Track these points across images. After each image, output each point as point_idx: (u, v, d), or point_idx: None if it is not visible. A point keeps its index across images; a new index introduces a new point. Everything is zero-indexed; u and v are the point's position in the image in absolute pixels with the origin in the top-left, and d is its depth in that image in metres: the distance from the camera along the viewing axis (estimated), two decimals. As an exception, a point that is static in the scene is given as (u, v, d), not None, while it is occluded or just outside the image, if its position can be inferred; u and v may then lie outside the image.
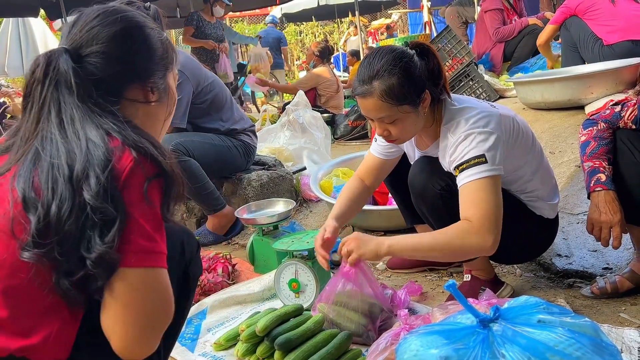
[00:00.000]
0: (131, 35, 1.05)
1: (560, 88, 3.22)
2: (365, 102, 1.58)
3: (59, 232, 0.86)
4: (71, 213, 0.86)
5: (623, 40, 3.34)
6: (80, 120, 0.93)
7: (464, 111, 1.59)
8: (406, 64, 1.54)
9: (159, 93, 1.10)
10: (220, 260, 2.26)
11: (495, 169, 1.51)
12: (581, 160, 1.72)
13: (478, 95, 4.23)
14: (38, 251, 0.85)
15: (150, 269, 0.91)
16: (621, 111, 1.69)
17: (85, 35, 1.01)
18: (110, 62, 1.01)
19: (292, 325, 1.63)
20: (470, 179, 1.51)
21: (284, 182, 3.13)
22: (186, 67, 2.67)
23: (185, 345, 1.76)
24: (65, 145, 0.91)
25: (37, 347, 0.89)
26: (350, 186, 1.94)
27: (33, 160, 0.91)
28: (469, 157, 1.52)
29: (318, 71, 6.06)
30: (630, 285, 1.76)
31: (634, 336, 1.50)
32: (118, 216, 0.87)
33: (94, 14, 1.04)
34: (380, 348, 1.41)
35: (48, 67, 0.96)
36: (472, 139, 1.53)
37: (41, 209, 0.86)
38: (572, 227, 2.25)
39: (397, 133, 1.62)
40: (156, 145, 0.96)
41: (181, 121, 2.66)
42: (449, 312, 1.34)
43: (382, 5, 13.35)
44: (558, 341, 0.93)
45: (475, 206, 1.49)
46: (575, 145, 2.83)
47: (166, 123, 1.18)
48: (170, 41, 1.15)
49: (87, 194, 0.86)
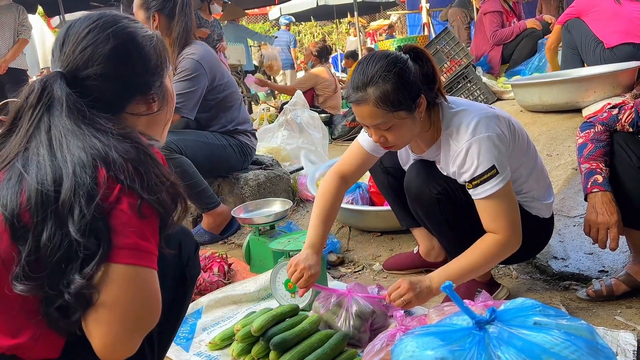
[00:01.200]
0: (126, 51, 1.03)
1: (558, 91, 3.22)
2: (360, 109, 1.55)
3: (49, 263, 0.84)
4: (61, 245, 0.84)
5: (623, 42, 3.34)
6: (69, 143, 0.90)
7: (462, 115, 1.59)
8: (400, 69, 1.52)
9: (160, 101, 1.10)
10: (216, 259, 2.26)
11: (506, 176, 1.55)
12: (578, 162, 1.72)
13: (476, 98, 4.23)
14: (29, 283, 0.84)
15: (139, 267, 0.89)
16: (618, 114, 1.69)
17: (79, 57, 0.99)
18: (109, 82, 1.00)
19: (287, 325, 1.63)
20: (487, 194, 1.54)
21: (281, 182, 3.13)
22: (205, 61, 2.66)
23: (180, 344, 1.75)
24: (52, 167, 0.88)
25: (27, 345, 0.88)
26: (328, 193, 1.80)
27: (18, 182, 0.88)
28: (482, 172, 1.53)
29: (316, 71, 6.07)
30: (626, 288, 1.77)
31: (629, 339, 1.50)
32: (100, 250, 0.85)
33: (84, 29, 1.01)
34: (376, 349, 1.41)
35: (42, 93, 0.95)
36: (479, 149, 1.52)
37: (31, 239, 0.84)
38: (568, 229, 2.25)
39: (394, 139, 1.59)
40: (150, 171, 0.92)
41: (190, 112, 2.64)
42: (445, 314, 1.34)
43: (381, 6, 13.38)
44: (554, 343, 0.93)
45: (498, 219, 1.55)
46: (572, 148, 2.84)
47: (167, 124, 1.17)
48: (161, 40, 1.12)
49: (71, 227, 0.84)
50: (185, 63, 2.61)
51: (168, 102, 1.14)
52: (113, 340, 0.87)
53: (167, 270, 1.08)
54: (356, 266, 2.35)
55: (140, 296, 0.89)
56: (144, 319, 0.91)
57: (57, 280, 0.84)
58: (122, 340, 0.88)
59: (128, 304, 0.88)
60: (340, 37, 17.39)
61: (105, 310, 0.87)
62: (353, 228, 2.68)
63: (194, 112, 2.67)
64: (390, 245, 2.47)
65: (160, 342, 1.12)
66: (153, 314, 0.92)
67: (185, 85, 2.58)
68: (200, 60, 2.63)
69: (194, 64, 2.62)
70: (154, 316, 0.93)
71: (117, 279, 0.87)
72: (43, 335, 0.90)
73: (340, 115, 5.93)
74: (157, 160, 0.95)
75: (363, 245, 2.55)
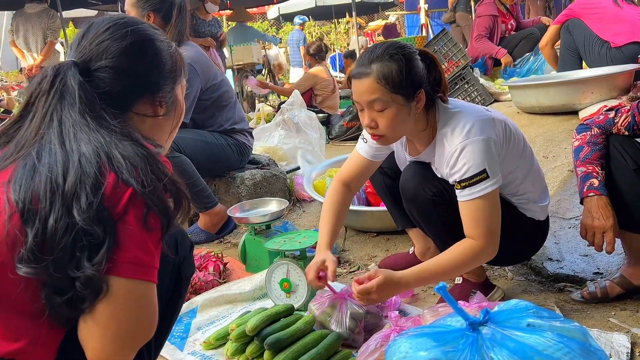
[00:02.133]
0: (141, 49, 1.04)
1: (554, 93, 3.23)
2: (360, 83, 1.55)
3: (55, 248, 0.84)
4: (67, 229, 0.84)
5: (631, 42, 3.34)
6: (77, 134, 0.92)
7: (459, 116, 1.59)
8: (409, 55, 1.54)
9: (167, 107, 1.10)
10: (211, 258, 2.26)
11: (496, 181, 1.54)
12: (574, 165, 1.73)
13: (473, 99, 4.25)
14: (35, 266, 0.84)
15: (141, 282, 0.89)
16: (615, 117, 1.69)
17: (95, 49, 1.00)
18: (119, 76, 1.00)
19: (282, 325, 1.63)
20: (472, 197, 1.53)
21: (277, 182, 3.13)
22: (197, 62, 2.66)
23: (175, 343, 1.75)
24: (63, 156, 0.89)
25: (26, 350, 0.88)
26: (335, 199, 1.84)
27: (31, 168, 0.89)
28: (471, 174, 1.52)
29: (315, 71, 6.05)
30: (620, 290, 1.77)
31: (622, 341, 1.51)
32: (107, 239, 0.85)
33: (104, 26, 1.03)
34: (370, 349, 1.41)
35: (55, 79, 0.96)
36: (472, 151, 1.52)
37: (39, 223, 0.85)
38: (564, 231, 2.26)
39: (384, 126, 1.57)
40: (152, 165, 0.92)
41: (185, 116, 2.64)
42: (439, 315, 1.34)
43: (379, 7, 13.38)
44: (547, 345, 0.93)
45: (479, 225, 1.54)
46: (568, 150, 2.84)
47: (172, 134, 1.17)
48: (179, 52, 1.15)
49: (77, 213, 0.84)
50: None
51: (176, 111, 1.14)
52: (107, 354, 0.87)
53: (164, 271, 1.08)
54: (352, 266, 2.35)
55: (138, 311, 0.89)
56: (140, 334, 0.92)
57: (63, 266, 0.85)
58: (116, 353, 0.88)
59: (124, 319, 0.88)
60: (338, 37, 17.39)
61: (101, 323, 0.87)
62: (349, 228, 2.68)
63: (189, 115, 2.67)
64: (386, 246, 2.47)
65: (156, 341, 1.13)
66: (149, 329, 0.93)
67: None
68: (193, 63, 2.62)
69: (186, 66, 2.60)
70: (150, 331, 0.93)
71: (115, 293, 0.87)
72: (43, 340, 0.90)
73: (338, 115, 5.93)
74: (158, 160, 0.95)
75: (359, 245, 2.55)
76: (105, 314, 0.87)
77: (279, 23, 14.58)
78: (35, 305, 0.87)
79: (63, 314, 0.88)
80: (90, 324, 0.87)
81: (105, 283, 0.85)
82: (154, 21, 2.61)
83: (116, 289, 0.87)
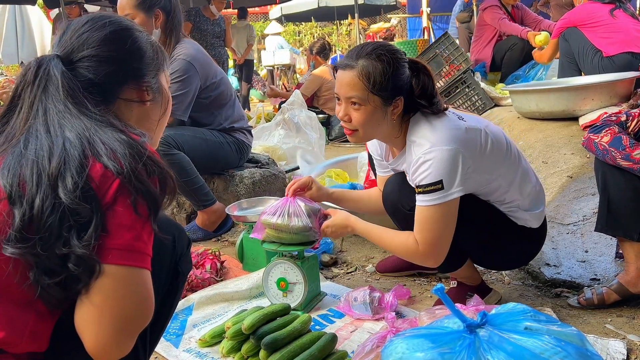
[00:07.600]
0: (121, 36, 1.08)
1: (555, 98, 3.24)
2: (344, 74, 1.59)
3: (41, 227, 0.85)
4: (53, 209, 0.86)
5: (623, 52, 3.36)
6: (61, 121, 0.95)
7: (430, 126, 1.58)
8: (396, 60, 1.57)
9: (153, 93, 1.13)
10: (208, 256, 2.25)
11: (451, 194, 1.53)
12: (622, 156, 1.60)
13: (473, 103, 4.25)
14: (21, 246, 0.85)
15: (134, 268, 0.90)
16: (626, 121, 1.69)
17: (75, 41, 1.04)
18: (102, 64, 1.04)
19: (278, 324, 1.62)
20: (424, 204, 1.57)
21: (276, 181, 3.12)
22: (197, 60, 2.65)
23: (170, 340, 1.75)
24: (48, 141, 0.92)
25: (13, 340, 0.88)
26: (367, 191, 2.08)
27: (19, 155, 0.91)
28: (427, 183, 1.53)
29: (319, 72, 5.93)
30: (617, 297, 1.77)
31: (618, 347, 1.51)
32: (94, 217, 0.87)
33: (82, 21, 1.08)
34: (366, 350, 1.41)
35: (38, 70, 0.99)
36: (433, 160, 1.51)
37: (26, 204, 0.86)
38: (562, 237, 2.26)
39: (357, 122, 1.61)
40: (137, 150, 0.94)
41: (184, 114, 2.64)
42: (436, 317, 1.34)
43: (381, 9, 13.39)
44: (544, 349, 0.93)
45: (424, 231, 1.59)
46: (567, 155, 2.85)
47: (161, 122, 1.19)
48: (159, 44, 1.18)
49: (62, 193, 0.86)
50: (177, 64, 2.59)
51: (162, 98, 1.16)
52: (105, 342, 0.87)
53: (161, 266, 1.09)
54: (349, 267, 2.35)
55: (133, 297, 0.90)
56: (137, 319, 0.92)
57: (50, 244, 0.86)
58: (114, 341, 0.88)
59: (120, 305, 0.88)
60: (340, 38, 17.39)
61: (97, 311, 0.87)
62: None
63: (187, 114, 2.66)
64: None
65: (151, 336, 1.12)
66: (146, 315, 0.93)
67: (177, 87, 2.56)
68: (192, 61, 2.61)
69: (185, 64, 2.60)
70: (147, 317, 0.93)
71: (109, 279, 0.87)
72: (30, 329, 0.89)
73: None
74: (139, 145, 0.96)
75: (357, 246, 2.54)
76: (102, 297, 0.87)
77: (280, 23, 14.58)
78: (23, 291, 0.87)
79: (54, 295, 0.88)
80: (87, 307, 0.88)
81: (97, 263, 0.87)
82: (162, 20, 2.61)
83: (112, 274, 0.88)
